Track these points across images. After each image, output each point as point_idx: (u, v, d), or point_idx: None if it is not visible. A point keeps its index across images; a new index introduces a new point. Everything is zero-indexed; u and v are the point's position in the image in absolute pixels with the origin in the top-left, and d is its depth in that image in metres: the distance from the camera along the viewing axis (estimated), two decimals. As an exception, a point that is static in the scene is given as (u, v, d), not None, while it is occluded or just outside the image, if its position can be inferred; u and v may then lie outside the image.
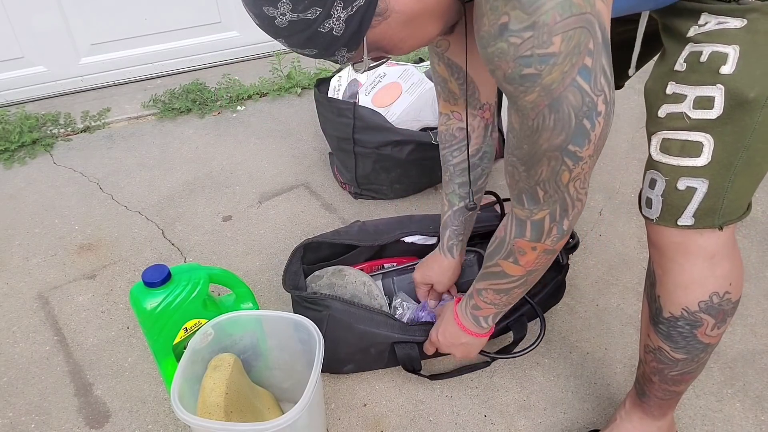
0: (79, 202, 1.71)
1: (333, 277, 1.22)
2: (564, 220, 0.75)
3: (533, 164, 0.70)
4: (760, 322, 1.29)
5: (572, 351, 1.25)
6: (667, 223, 0.77)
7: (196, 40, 2.30)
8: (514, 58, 0.61)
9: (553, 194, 0.72)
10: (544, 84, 0.62)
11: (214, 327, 1.01)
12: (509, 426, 1.12)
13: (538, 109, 0.64)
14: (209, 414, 0.91)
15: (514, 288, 0.88)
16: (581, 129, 0.65)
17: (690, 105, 0.71)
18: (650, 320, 0.87)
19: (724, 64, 0.68)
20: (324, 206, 1.67)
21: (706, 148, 0.72)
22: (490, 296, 0.92)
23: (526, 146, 0.69)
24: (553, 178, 0.70)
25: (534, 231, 0.77)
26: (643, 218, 0.82)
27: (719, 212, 0.75)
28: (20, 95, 2.14)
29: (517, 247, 0.81)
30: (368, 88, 1.63)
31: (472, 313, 0.97)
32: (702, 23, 0.70)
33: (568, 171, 0.69)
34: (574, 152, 0.67)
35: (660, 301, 0.83)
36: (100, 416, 1.16)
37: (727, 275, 0.79)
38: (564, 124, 0.65)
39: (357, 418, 1.14)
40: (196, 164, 1.86)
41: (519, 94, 0.64)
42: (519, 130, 0.69)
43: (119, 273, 1.47)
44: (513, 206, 0.79)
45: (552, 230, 0.77)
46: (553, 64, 0.60)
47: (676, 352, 0.85)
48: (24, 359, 1.27)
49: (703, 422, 1.11)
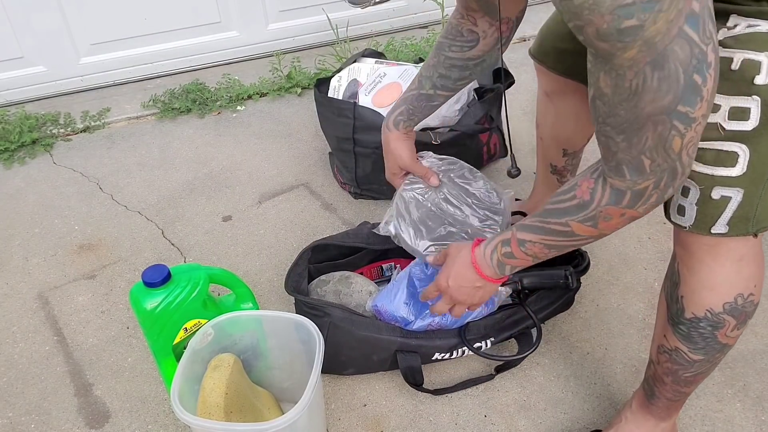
0: (79, 202, 1.71)
1: (339, 284, 1.21)
2: (669, 189, 0.67)
3: (635, 132, 0.62)
4: (760, 322, 1.29)
5: (572, 351, 1.25)
6: (700, 231, 0.76)
7: (196, 40, 2.30)
8: (611, 10, 0.52)
9: (662, 163, 0.63)
10: (647, 37, 0.54)
11: (214, 327, 1.01)
12: (509, 426, 1.12)
13: (638, 67, 0.56)
14: (209, 414, 0.91)
15: (572, 245, 0.79)
16: (692, 86, 0.57)
17: (725, 116, 0.69)
18: (669, 321, 0.86)
19: (758, 74, 0.66)
20: (324, 206, 1.67)
21: (742, 159, 0.70)
22: (535, 249, 0.82)
23: (622, 112, 0.61)
24: (662, 145, 0.62)
25: (632, 199, 0.69)
26: (674, 225, 0.79)
27: (753, 220, 0.74)
28: (20, 95, 2.14)
29: (605, 213, 0.71)
30: (368, 88, 1.62)
31: (500, 260, 0.87)
32: (731, 25, 0.68)
33: (680, 136, 0.61)
34: (686, 113, 0.59)
35: (683, 302, 0.82)
36: (100, 416, 1.16)
37: (752, 277, 0.79)
38: (671, 83, 0.57)
39: (357, 419, 1.14)
40: (196, 164, 1.86)
41: (616, 51, 0.56)
42: (612, 94, 0.61)
43: (119, 273, 1.47)
44: (609, 178, 0.69)
45: (651, 197, 0.68)
46: (657, 11, 0.52)
47: (695, 353, 0.84)
48: (24, 359, 1.27)
49: (704, 422, 1.11)
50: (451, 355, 1.16)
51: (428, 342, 1.13)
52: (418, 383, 1.14)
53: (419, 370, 1.13)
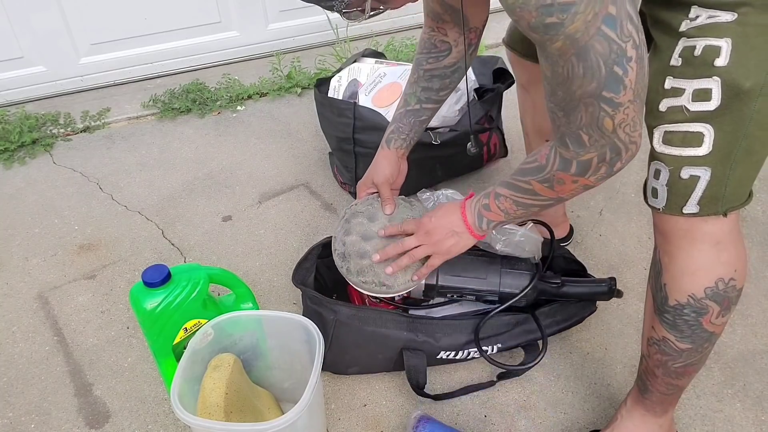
0: (79, 202, 1.71)
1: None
2: (616, 163, 0.74)
3: (571, 110, 0.71)
4: (760, 322, 1.29)
5: (572, 351, 1.25)
6: (672, 211, 0.79)
7: (196, 40, 2.30)
8: (536, 8, 0.61)
9: (599, 139, 0.71)
10: (568, 33, 0.62)
11: (214, 327, 1.01)
12: (509, 426, 1.12)
13: (566, 57, 0.65)
14: (209, 414, 0.91)
15: (536, 206, 0.87)
16: (613, 76, 0.65)
17: (689, 98, 0.74)
18: (655, 311, 0.88)
19: (718, 57, 0.71)
20: (324, 206, 1.67)
21: (707, 138, 0.74)
22: (506, 204, 0.89)
23: (560, 93, 0.70)
24: (595, 124, 0.70)
25: (579, 168, 0.77)
26: (650, 208, 0.83)
27: (722, 199, 0.77)
28: (20, 95, 2.14)
29: (557, 177, 0.80)
30: (368, 88, 1.62)
31: (480, 212, 0.94)
32: (693, 17, 0.72)
33: (609, 117, 0.68)
34: (610, 98, 0.67)
35: (666, 290, 0.84)
36: (100, 416, 1.16)
37: (732, 261, 0.81)
38: (594, 72, 0.65)
39: (357, 419, 1.14)
40: (196, 164, 1.86)
41: (545, 41, 0.65)
42: (551, 77, 0.70)
43: (119, 273, 1.47)
44: (557, 146, 0.78)
45: (600, 169, 0.75)
46: (574, 13, 0.61)
47: (682, 341, 0.86)
48: (24, 359, 1.27)
49: (704, 422, 1.11)
50: (456, 355, 1.16)
51: (435, 340, 1.13)
52: (421, 385, 1.13)
53: (423, 370, 1.13)
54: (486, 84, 1.68)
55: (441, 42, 1.05)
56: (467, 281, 1.15)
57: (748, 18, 0.69)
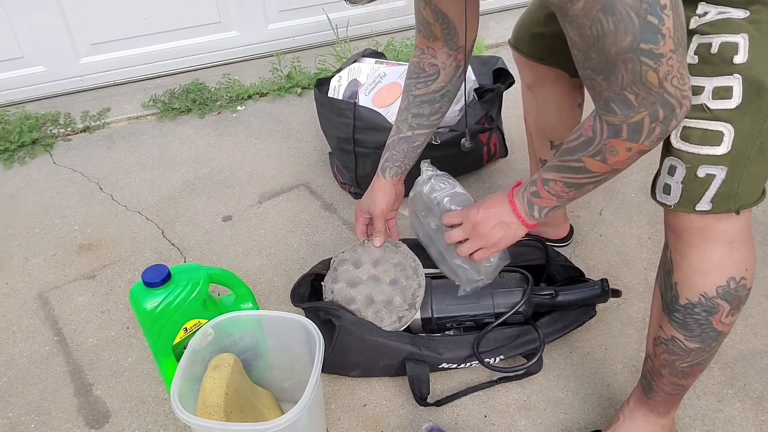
0: (79, 202, 1.71)
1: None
2: (671, 121, 0.70)
3: (610, 71, 0.67)
4: (760, 322, 1.29)
5: (572, 351, 1.25)
6: (685, 208, 0.79)
7: (196, 40, 2.30)
8: None
9: (648, 96, 0.68)
10: None
11: (214, 327, 1.01)
12: (509, 426, 1.12)
13: (591, 15, 0.63)
14: (209, 414, 0.91)
15: (589, 184, 0.82)
16: (648, 26, 0.62)
17: (709, 96, 0.73)
18: (664, 310, 0.87)
19: (737, 54, 0.70)
20: (324, 206, 1.67)
21: (727, 137, 0.73)
22: (557, 188, 0.85)
23: (595, 56, 0.67)
24: (639, 80, 0.66)
25: (631, 132, 0.72)
26: (659, 205, 0.82)
27: (735, 197, 0.76)
28: (20, 95, 2.14)
29: (609, 146, 0.75)
30: (368, 88, 1.62)
31: (529, 199, 0.90)
32: (701, 13, 0.72)
33: (653, 70, 0.65)
34: (650, 50, 0.64)
35: (677, 288, 0.84)
36: (100, 416, 1.16)
37: (743, 260, 0.80)
38: (627, 25, 0.62)
39: (357, 419, 1.14)
40: (196, 164, 1.86)
41: (566, 4, 0.63)
42: (581, 42, 0.67)
43: (119, 273, 1.47)
44: (602, 115, 0.73)
45: (654, 130, 0.71)
46: None
47: (690, 341, 0.85)
48: (24, 359, 1.27)
49: (704, 422, 1.11)
50: (459, 366, 1.17)
51: (438, 354, 1.13)
52: (424, 396, 1.13)
53: (426, 381, 1.12)
54: (486, 84, 1.68)
55: (430, 65, 1.05)
56: (461, 308, 1.17)
57: (761, 15, 0.69)
